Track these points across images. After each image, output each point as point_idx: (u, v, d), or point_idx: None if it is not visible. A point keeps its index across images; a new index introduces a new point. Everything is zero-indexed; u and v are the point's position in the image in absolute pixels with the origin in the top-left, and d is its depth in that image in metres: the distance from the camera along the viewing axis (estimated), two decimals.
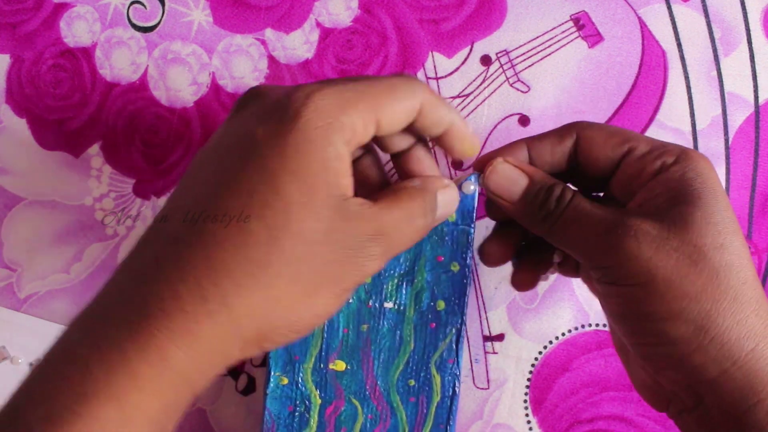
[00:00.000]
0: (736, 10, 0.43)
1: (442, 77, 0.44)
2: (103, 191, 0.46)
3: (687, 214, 0.29)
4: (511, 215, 0.34)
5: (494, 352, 0.44)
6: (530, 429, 0.44)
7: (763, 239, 0.44)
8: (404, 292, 0.37)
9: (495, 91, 0.44)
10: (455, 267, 0.37)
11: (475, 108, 0.44)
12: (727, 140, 0.44)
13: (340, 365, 0.37)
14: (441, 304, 0.37)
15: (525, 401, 0.44)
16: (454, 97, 0.44)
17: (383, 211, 0.28)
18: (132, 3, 0.45)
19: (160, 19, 0.45)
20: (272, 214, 0.25)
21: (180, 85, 0.45)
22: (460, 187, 0.35)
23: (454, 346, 0.37)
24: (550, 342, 0.44)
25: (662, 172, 0.31)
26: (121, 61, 0.45)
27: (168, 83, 0.45)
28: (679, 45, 0.44)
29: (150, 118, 0.45)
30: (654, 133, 0.44)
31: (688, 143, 0.44)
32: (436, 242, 0.36)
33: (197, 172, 0.28)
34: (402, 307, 0.37)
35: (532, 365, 0.44)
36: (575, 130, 0.33)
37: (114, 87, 0.46)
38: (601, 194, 0.36)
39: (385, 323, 0.37)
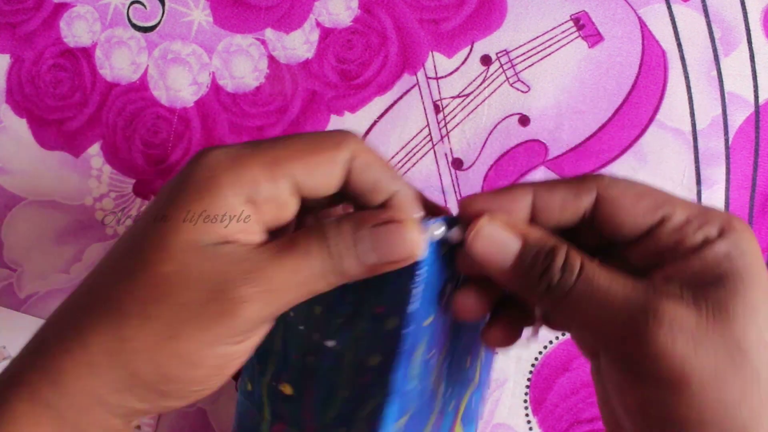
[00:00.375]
0: (736, 10, 0.43)
1: (442, 77, 0.44)
2: (103, 191, 0.46)
3: (729, 302, 0.25)
4: (505, 287, 0.29)
5: (495, 352, 0.44)
6: (530, 429, 0.44)
7: (764, 239, 0.44)
8: (347, 335, 0.32)
9: (495, 91, 0.44)
10: (391, 323, 0.29)
11: (475, 108, 0.44)
12: (727, 140, 0.44)
13: (287, 389, 0.34)
14: (374, 360, 0.31)
15: (525, 401, 0.44)
16: (454, 97, 0.44)
17: (264, 253, 0.26)
18: (132, 3, 0.45)
19: (160, 19, 0.45)
20: (132, 257, 0.26)
21: (180, 85, 0.45)
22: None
23: (377, 417, 0.30)
24: (551, 342, 0.44)
25: (704, 248, 0.26)
26: (121, 61, 0.45)
27: (168, 83, 0.45)
28: (679, 45, 0.44)
29: (150, 118, 0.45)
30: (654, 133, 0.44)
31: (688, 143, 0.44)
32: (375, 289, 0.30)
33: None
34: (341, 350, 0.32)
35: (533, 365, 0.44)
36: (596, 185, 0.28)
37: (114, 87, 0.46)
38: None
39: (326, 361, 0.32)
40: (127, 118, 0.46)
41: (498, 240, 0.28)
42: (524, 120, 0.44)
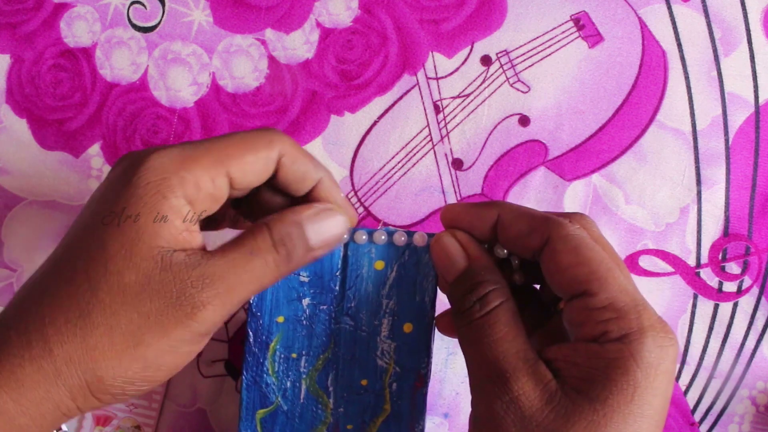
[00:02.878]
0: (736, 10, 0.43)
1: (442, 77, 0.44)
2: None
3: (577, 412, 0.25)
4: (445, 294, 0.32)
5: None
6: None
7: (763, 239, 0.44)
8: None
9: (495, 91, 0.44)
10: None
11: (475, 108, 0.44)
12: (727, 140, 0.44)
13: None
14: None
15: None
16: (454, 97, 0.44)
17: (216, 256, 0.27)
18: (132, 3, 0.45)
19: (160, 19, 0.45)
20: (94, 267, 0.27)
21: (180, 85, 0.45)
22: (353, 237, 0.33)
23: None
24: None
25: (596, 343, 0.26)
26: (121, 61, 0.45)
27: (168, 83, 0.45)
28: (680, 45, 0.44)
29: (150, 118, 0.45)
30: (654, 133, 0.44)
31: (688, 143, 0.44)
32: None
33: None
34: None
35: None
36: (549, 233, 0.29)
37: (114, 87, 0.46)
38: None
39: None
40: (127, 118, 0.46)
41: (451, 253, 0.31)
42: (524, 120, 0.44)
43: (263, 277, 0.28)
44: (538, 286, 0.34)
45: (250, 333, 0.35)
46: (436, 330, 0.35)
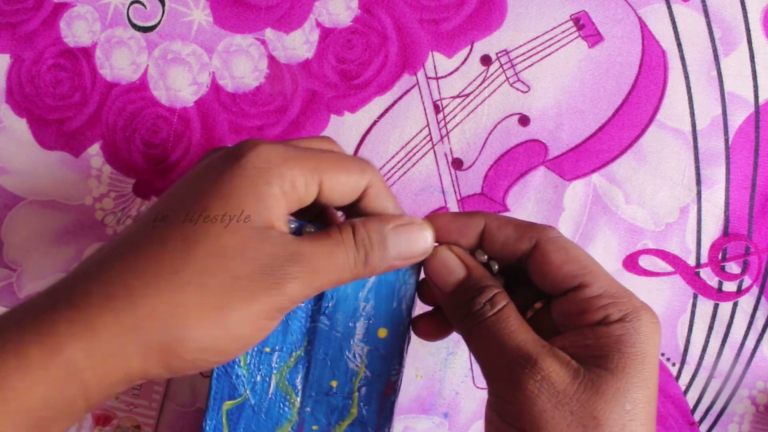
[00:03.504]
0: (736, 10, 0.43)
1: (442, 77, 0.44)
2: (103, 191, 0.46)
3: (603, 382, 0.28)
4: (440, 303, 0.33)
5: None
6: None
7: (763, 239, 0.44)
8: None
9: (495, 91, 0.44)
10: (383, 332, 0.35)
11: (475, 108, 0.44)
12: (727, 140, 0.44)
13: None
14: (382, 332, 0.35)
15: None
16: (454, 97, 0.44)
17: (305, 240, 0.29)
18: (132, 3, 0.45)
19: (160, 19, 0.45)
20: (192, 230, 0.27)
21: (180, 85, 0.45)
22: None
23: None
24: None
25: (601, 325, 0.29)
26: (121, 61, 0.45)
27: (168, 83, 0.45)
28: (679, 45, 0.44)
29: (150, 118, 0.45)
30: (654, 133, 0.44)
31: (688, 143, 0.44)
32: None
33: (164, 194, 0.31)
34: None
35: None
36: (537, 236, 0.32)
37: (114, 87, 0.46)
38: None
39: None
40: (127, 118, 0.46)
41: (449, 264, 0.32)
42: (524, 120, 0.44)
43: (343, 270, 0.30)
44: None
45: None
46: (412, 337, 0.35)
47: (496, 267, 0.34)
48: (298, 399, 0.35)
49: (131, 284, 0.26)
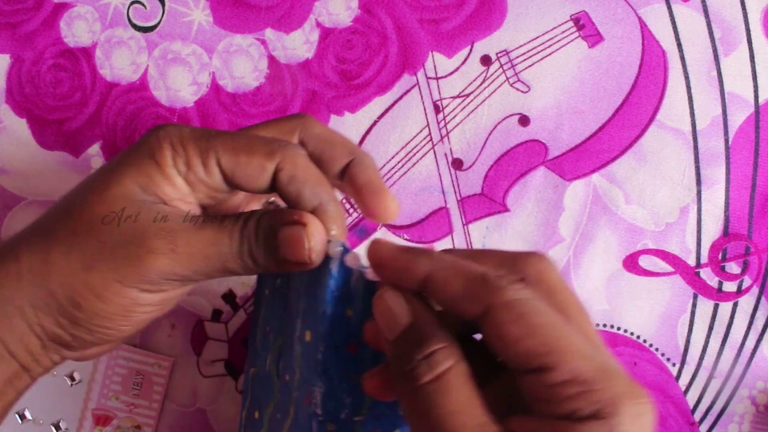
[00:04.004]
0: (736, 10, 0.43)
1: (442, 77, 0.44)
2: None
3: None
4: (387, 353, 0.27)
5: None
6: None
7: (763, 239, 0.44)
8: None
9: (495, 91, 0.44)
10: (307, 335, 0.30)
11: (475, 108, 0.44)
12: (727, 140, 0.44)
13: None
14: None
15: None
16: (454, 97, 0.44)
17: (192, 222, 0.29)
18: (132, 3, 0.45)
19: (160, 19, 0.45)
20: (74, 198, 0.30)
21: (180, 85, 0.45)
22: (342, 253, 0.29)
23: None
24: None
25: (567, 423, 0.22)
26: (121, 61, 0.45)
27: (168, 83, 0.45)
28: (679, 45, 0.44)
29: (150, 118, 0.45)
30: (654, 133, 0.44)
31: (688, 143, 0.44)
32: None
33: None
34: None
35: None
36: (488, 301, 0.24)
37: (114, 87, 0.46)
38: None
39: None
40: (127, 118, 0.46)
41: (394, 308, 0.26)
42: (524, 120, 0.44)
43: (225, 260, 0.29)
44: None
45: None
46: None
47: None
48: (278, 383, 0.34)
49: (18, 243, 0.30)
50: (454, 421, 0.23)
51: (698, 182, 0.44)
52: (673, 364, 0.44)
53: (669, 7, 0.44)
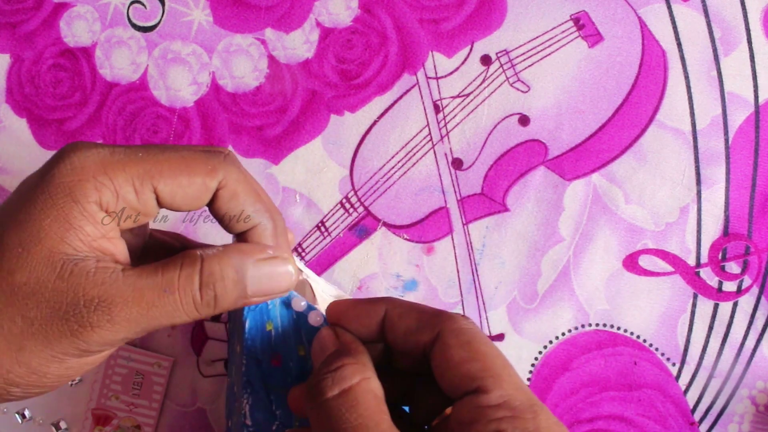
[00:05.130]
0: (736, 10, 0.43)
1: (442, 77, 0.44)
2: None
3: None
4: None
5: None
6: None
7: (763, 239, 0.44)
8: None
9: (495, 91, 0.44)
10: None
11: (475, 108, 0.44)
12: (727, 140, 0.44)
13: None
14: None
15: None
16: (454, 97, 0.44)
17: (130, 277, 0.25)
18: (132, 3, 0.45)
19: (160, 19, 0.45)
20: None
21: (180, 85, 0.45)
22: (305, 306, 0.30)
23: None
24: (550, 342, 0.44)
25: None
26: (121, 61, 0.45)
27: (168, 83, 0.45)
28: (679, 45, 0.44)
29: (150, 118, 0.45)
30: (654, 132, 0.44)
31: (688, 143, 0.44)
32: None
33: None
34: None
35: (532, 365, 0.44)
36: (439, 327, 0.27)
37: (114, 87, 0.46)
38: None
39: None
40: (127, 118, 0.46)
41: (324, 342, 0.28)
42: (524, 120, 0.44)
43: (175, 315, 0.26)
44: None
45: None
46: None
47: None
48: (233, 395, 0.35)
49: None
50: None
51: (698, 182, 0.44)
52: (673, 364, 0.44)
53: (669, 7, 0.44)
